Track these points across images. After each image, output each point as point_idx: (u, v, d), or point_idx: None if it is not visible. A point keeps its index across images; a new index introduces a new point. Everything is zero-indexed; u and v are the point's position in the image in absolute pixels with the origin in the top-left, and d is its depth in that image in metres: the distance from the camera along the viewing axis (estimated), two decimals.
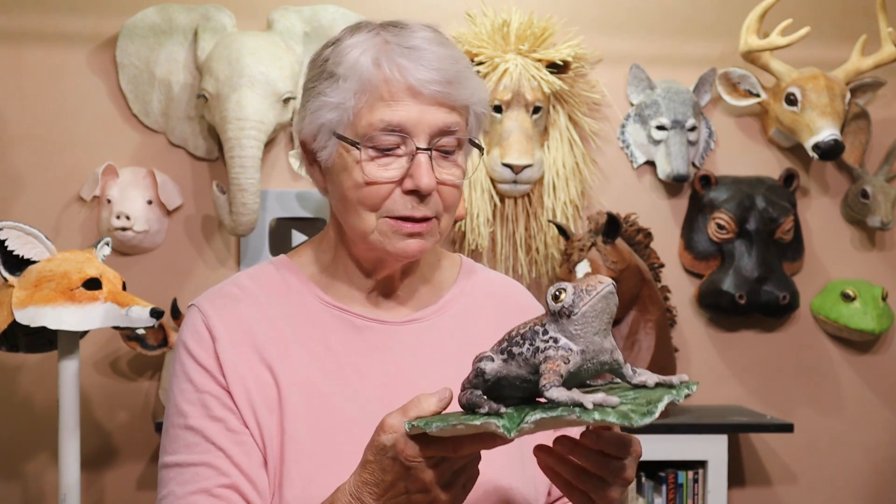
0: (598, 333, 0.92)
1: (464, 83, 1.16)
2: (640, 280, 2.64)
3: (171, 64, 2.71)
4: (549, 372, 0.90)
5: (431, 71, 1.13)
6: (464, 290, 1.30)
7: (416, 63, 1.13)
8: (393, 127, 1.13)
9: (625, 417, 0.85)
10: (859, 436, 2.99)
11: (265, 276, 1.26)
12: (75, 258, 2.23)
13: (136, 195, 2.67)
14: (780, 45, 2.69)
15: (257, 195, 2.52)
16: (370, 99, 1.14)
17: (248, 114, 2.50)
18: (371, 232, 1.17)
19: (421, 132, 1.14)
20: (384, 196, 1.15)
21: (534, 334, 0.93)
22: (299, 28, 2.69)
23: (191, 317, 1.22)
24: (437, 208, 1.18)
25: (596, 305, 0.91)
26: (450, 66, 1.15)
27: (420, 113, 1.14)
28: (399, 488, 0.99)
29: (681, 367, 2.85)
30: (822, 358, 2.98)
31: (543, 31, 2.72)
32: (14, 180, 2.71)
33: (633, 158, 2.89)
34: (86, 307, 2.17)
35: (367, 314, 1.23)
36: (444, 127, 1.15)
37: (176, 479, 1.15)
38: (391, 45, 1.15)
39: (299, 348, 1.19)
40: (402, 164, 1.14)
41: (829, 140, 2.66)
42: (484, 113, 1.22)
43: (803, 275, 2.95)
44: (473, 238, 2.75)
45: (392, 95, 1.13)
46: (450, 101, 1.15)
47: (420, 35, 1.17)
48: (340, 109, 1.16)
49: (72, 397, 2.21)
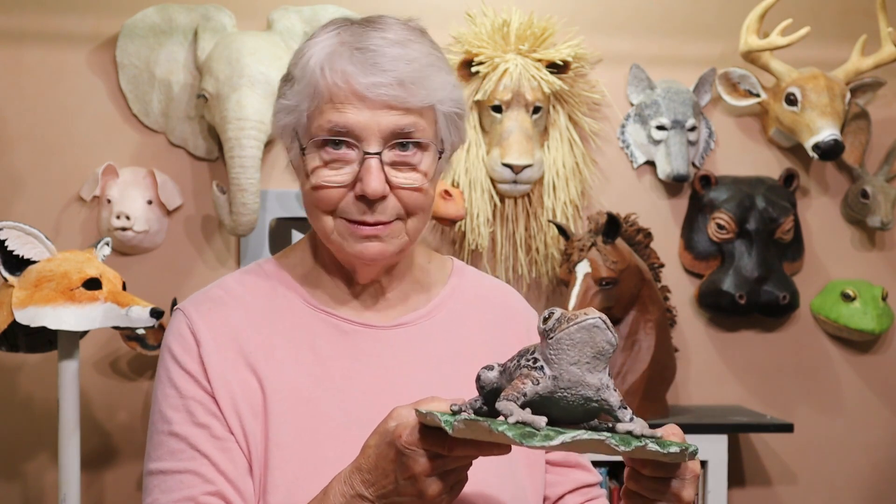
0: (575, 364, 0.90)
1: (422, 83, 1.12)
2: (640, 280, 2.64)
3: (171, 64, 2.71)
4: (512, 387, 0.91)
5: (379, 74, 1.10)
6: (454, 293, 1.28)
7: (362, 67, 1.11)
8: (340, 129, 1.11)
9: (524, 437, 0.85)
10: (859, 436, 2.99)
11: (252, 279, 1.24)
12: (75, 258, 2.23)
13: (136, 195, 2.67)
14: (780, 45, 2.69)
15: (257, 195, 2.52)
16: (319, 102, 1.12)
17: (248, 114, 2.50)
18: (331, 232, 1.16)
19: (371, 136, 1.11)
20: (336, 199, 1.14)
21: (526, 351, 0.94)
22: (299, 28, 2.69)
23: (175, 321, 1.20)
24: (397, 212, 1.15)
25: (573, 335, 0.89)
26: (404, 66, 1.11)
27: (369, 117, 1.11)
28: (390, 476, 0.98)
29: (681, 367, 2.85)
30: (822, 358, 2.98)
31: (543, 31, 2.72)
32: (14, 180, 2.71)
33: (633, 158, 2.89)
34: (86, 307, 2.17)
35: (353, 318, 1.21)
36: (397, 129, 1.12)
37: (160, 486, 1.14)
38: (344, 46, 1.13)
39: (285, 353, 1.17)
40: (353, 168, 1.13)
41: (829, 140, 2.66)
42: (456, 112, 1.18)
43: (803, 275, 2.95)
44: (473, 238, 2.74)
45: (339, 99, 1.11)
46: (402, 104, 1.11)
47: (382, 35, 1.13)
48: (296, 112, 1.15)
49: (72, 397, 2.21)
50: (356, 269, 1.21)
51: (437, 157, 1.18)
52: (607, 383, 0.92)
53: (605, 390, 0.91)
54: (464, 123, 1.22)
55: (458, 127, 1.20)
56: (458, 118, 1.19)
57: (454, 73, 1.21)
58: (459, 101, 1.19)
